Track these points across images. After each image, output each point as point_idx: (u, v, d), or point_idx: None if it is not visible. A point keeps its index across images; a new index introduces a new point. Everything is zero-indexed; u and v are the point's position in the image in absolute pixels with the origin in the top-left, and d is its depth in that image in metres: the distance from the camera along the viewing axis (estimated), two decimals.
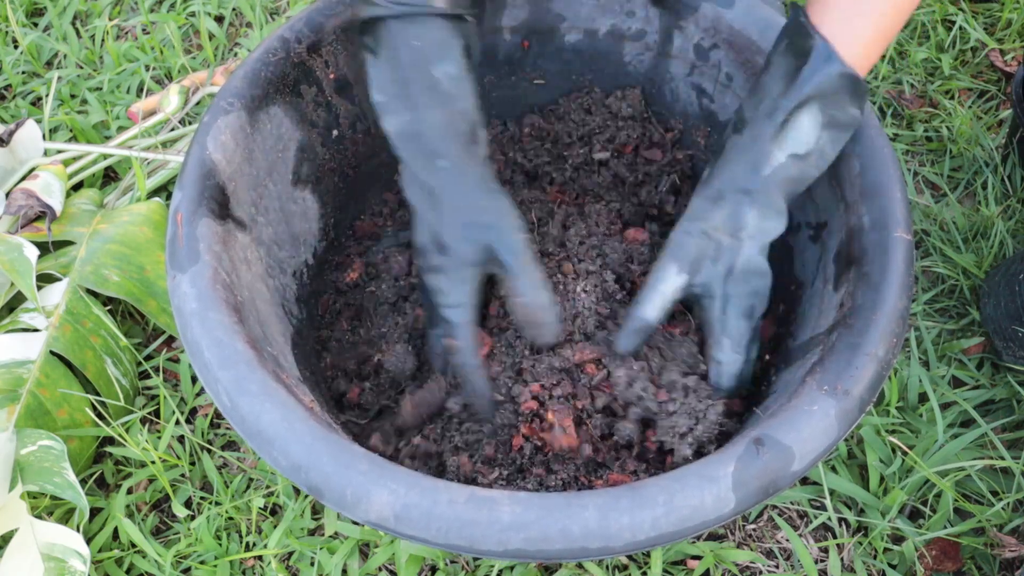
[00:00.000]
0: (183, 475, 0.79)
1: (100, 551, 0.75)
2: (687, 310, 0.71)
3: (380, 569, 0.74)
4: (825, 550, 0.74)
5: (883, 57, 1.07)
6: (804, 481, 0.77)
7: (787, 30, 0.61)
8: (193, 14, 1.20)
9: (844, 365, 0.53)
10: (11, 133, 0.94)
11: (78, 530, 0.72)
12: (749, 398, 0.68)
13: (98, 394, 0.79)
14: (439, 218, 0.61)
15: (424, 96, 0.59)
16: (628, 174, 0.84)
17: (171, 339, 0.89)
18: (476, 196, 0.61)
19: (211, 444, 0.81)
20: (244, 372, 0.52)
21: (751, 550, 0.74)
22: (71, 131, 1.05)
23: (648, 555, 0.72)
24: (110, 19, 1.20)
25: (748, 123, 0.62)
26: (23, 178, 0.94)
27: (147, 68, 1.12)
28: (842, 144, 0.61)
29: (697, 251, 0.63)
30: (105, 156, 0.99)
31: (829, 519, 0.74)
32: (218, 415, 0.83)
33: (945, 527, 0.73)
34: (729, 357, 0.64)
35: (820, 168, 0.62)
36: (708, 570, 0.72)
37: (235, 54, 1.15)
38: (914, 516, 0.75)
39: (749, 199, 0.62)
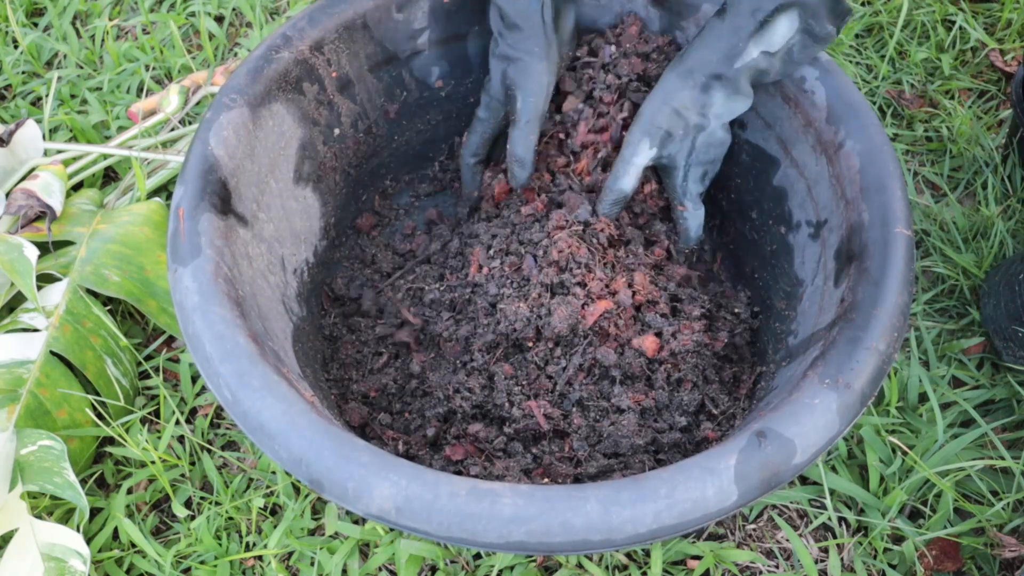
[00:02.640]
0: (183, 475, 0.79)
1: (100, 551, 0.74)
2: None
3: (380, 569, 0.74)
4: (825, 550, 0.74)
5: (883, 57, 1.08)
6: (804, 481, 0.76)
7: None
8: (193, 14, 1.20)
9: (845, 359, 0.53)
10: (11, 133, 0.94)
11: (78, 530, 0.72)
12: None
13: (98, 394, 0.79)
14: (492, 63, 0.77)
15: None
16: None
17: (171, 339, 0.89)
18: (521, 57, 0.74)
19: (211, 444, 0.81)
20: (246, 366, 0.52)
21: (751, 550, 0.74)
22: (71, 131, 1.05)
23: (648, 555, 0.72)
24: (110, 19, 1.20)
25: (730, 11, 0.67)
26: (23, 178, 0.94)
27: (147, 68, 1.12)
28: (812, 55, 0.67)
29: (668, 126, 0.70)
30: (105, 156, 0.99)
31: (829, 519, 0.74)
32: (218, 415, 0.83)
33: (945, 527, 0.73)
34: (691, 212, 0.76)
35: (785, 68, 0.68)
36: (708, 570, 0.72)
37: (235, 54, 1.15)
38: (914, 516, 0.75)
39: (720, 83, 0.69)
